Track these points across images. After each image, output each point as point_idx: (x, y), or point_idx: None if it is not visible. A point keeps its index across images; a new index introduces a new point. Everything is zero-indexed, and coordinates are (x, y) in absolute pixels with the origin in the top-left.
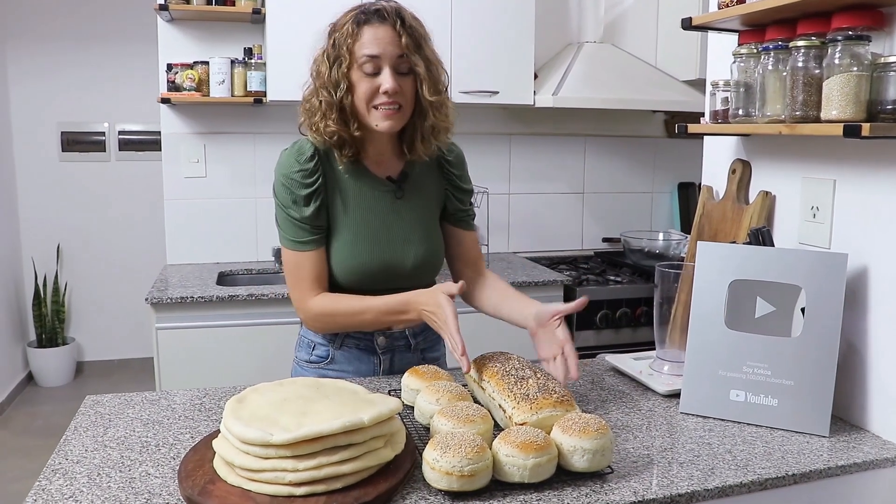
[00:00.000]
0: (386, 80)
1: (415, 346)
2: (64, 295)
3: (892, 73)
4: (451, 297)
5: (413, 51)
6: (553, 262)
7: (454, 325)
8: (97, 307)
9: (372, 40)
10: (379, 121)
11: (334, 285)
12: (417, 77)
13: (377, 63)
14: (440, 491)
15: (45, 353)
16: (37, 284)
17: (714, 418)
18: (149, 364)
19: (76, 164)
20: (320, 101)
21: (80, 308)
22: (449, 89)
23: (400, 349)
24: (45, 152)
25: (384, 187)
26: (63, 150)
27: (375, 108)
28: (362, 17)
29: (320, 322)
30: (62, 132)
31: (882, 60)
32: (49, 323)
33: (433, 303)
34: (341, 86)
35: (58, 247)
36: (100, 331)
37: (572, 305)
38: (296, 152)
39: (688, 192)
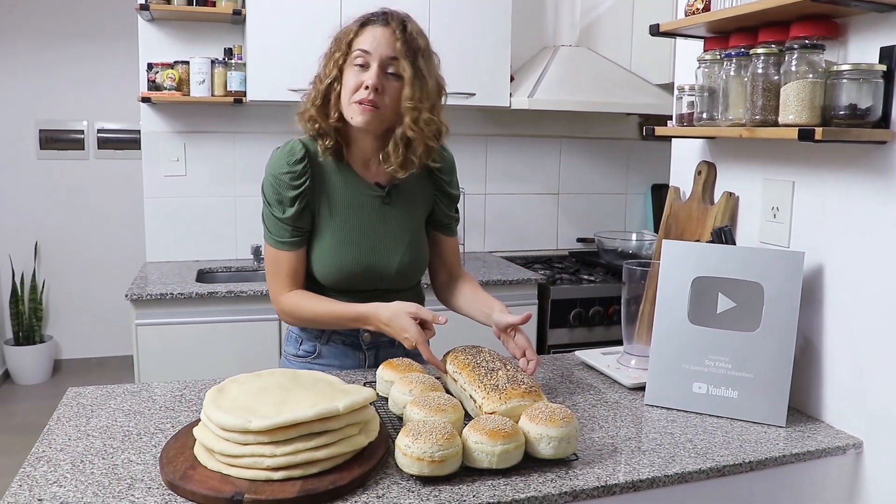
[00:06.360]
0: (370, 75)
1: (399, 343)
2: (41, 293)
3: (844, 81)
4: (413, 317)
5: (405, 56)
6: (528, 262)
7: (424, 346)
8: (75, 305)
9: (369, 38)
10: (355, 114)
11: (317, 284)
12: (403, 82)
13: (367, 58)
14: (412, 476)
15: (22, 351)
16: (14, 282)
17: (677, 410)
18: (127, 362)
19: (54, 161)
20: (312, 92)
21: (57, 306)
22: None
23: (384, 345)
24: (23, 150)
25: (372, 192)
26: (41, 148)
27: (356, 102)
28: (369, 18)
29: (289, 317)
30: (40, 130)
31: (835, 68)
32: (26, 321)
33: (397, 326)
34: (332, 75)
35: (35, 245)
36: (78, 329)
37: (519, 319)
38: (287, 153)
39: (661, 194)
